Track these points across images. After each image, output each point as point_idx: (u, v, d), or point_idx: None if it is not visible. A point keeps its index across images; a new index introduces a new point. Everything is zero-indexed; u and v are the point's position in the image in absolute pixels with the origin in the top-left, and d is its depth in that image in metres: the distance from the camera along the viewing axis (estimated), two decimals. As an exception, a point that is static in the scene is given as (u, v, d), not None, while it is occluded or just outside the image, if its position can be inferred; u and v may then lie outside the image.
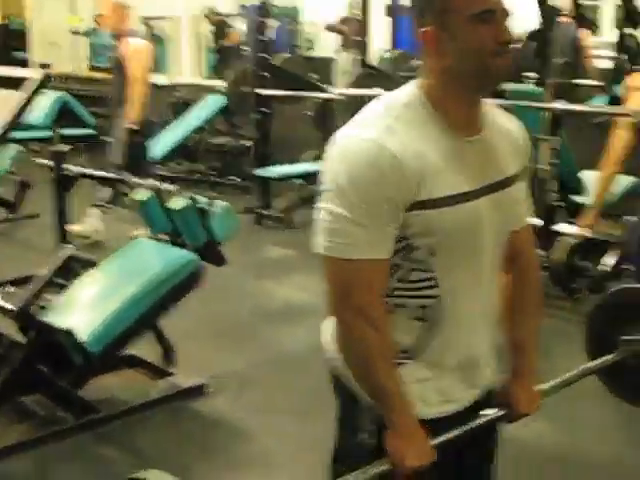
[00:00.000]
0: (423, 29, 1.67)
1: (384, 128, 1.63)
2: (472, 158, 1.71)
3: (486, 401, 1.89)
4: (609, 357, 2.54)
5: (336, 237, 1.63)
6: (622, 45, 6.14)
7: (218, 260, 4.04)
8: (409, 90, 1.72)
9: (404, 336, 1.73)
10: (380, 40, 9.58)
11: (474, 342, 1.81)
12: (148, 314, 3.77)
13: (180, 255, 3.88)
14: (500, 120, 1.83)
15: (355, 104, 3.72)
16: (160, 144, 8.74)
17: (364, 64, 7.35)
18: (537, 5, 6.58)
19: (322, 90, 7.35)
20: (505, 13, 1.68)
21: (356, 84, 6.95)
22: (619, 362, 2.54)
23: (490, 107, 1.81)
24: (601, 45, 9.67)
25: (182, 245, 3.97)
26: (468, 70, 1.67)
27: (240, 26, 10.49)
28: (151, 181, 4.27)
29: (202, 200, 3.96)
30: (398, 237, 1.66)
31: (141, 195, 4.05)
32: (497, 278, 1.84)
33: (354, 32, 7.50)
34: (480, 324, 1.81)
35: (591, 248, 5.48)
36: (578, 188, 5.86)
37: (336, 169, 1.64)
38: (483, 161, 1.74)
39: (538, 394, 1.98)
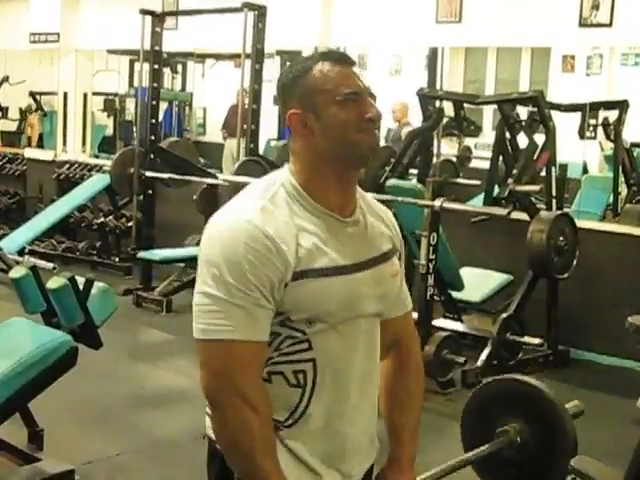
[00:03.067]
0: (290, 111, 1.72)
1: (259, 210, 1.66)
2: (347, 236, 1.74)
3: None
4: (484, 447, 2.58)
5: (213, 319, 1.63)
6: (499, 147, 6.41)
7: (94, 342, 3.95)
8: (282, 173, 1.76)
9: (281, 404, 1.71)
10: (267, 129, 9.73)
11: (351, 416, 1.78)
12: (17, 396, 3.63)
13: (54, 336, 3.78)
14: (372, 204, 1.88)
15: (240, 191, 3.78)
16: (41, 222, 8.60)
17: (251, 151, 7.44)
18: (421, 105, 6.85)
19: (208, 175, 7.38)
20: (370, 95, 1.73)
21: (242, 171, 7.02)
22: (494, 453, 2.59)
23: (363, 193, 1.86)
24: (482, 146, 10.10)
25: (57, 325, 3.87)
26: (334, 147, 1.70)
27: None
28: (28, 258, 4.17)
29: (81, 280, 3.89)
30: (276, 311, 1.66)
31: (16, 272, 3.95)
32: (375, 354, 1.84)
33: (242, 120, 7.59)
34: (358, 397, 1.79)
35: (464, 342, 5.63)
36: (456, 284, 6.02)
37: (212, 251, 1.65)
38: (358, 239, 1.77)
39: None
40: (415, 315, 5.37)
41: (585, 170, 8.94)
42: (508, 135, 6.29)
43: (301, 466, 1.74)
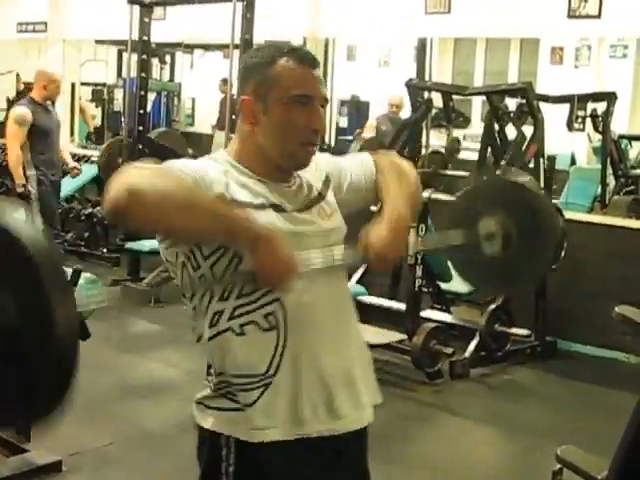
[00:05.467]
0: (242, 96, 1.77)
1: (200, 161, 1.80)
2: (281, 192, 1.78)
3: (345, 441, 1.83)
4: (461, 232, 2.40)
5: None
6: (488, 138, 6.42)
7: (81, 333, 3.94)
8: (220, 153, 1.84)
9: (261, 353, 1.72)
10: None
11: (331, 354, 1.78)
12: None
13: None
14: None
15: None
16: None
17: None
18: (409, 96, 6.85)
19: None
20: (323, 102, 1.77)
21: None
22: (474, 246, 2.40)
23: None
24: (470, 137, 10.11)
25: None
26: (272, 148, 1.76)
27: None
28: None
29: (68, 271, 3.87)
30: (222, 248, 1.69)
31: None
32: (341, 287, 1.86)
33: (230, 111, 7.58)
34: (332, 331, 1.80)
35: (452, 333, 5.63)
36: (444, 275, 6.03)
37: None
38: (292, 193, 1.81)
39: (399, 237, 1.81)
40: (403, 306, 5.39)
41: (573, 162, 8.97)
42: (497, 126, 6.30)
43: (288, 410, 1.74)
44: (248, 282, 1.68)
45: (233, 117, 7.52)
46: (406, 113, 8.39)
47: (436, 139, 9.07)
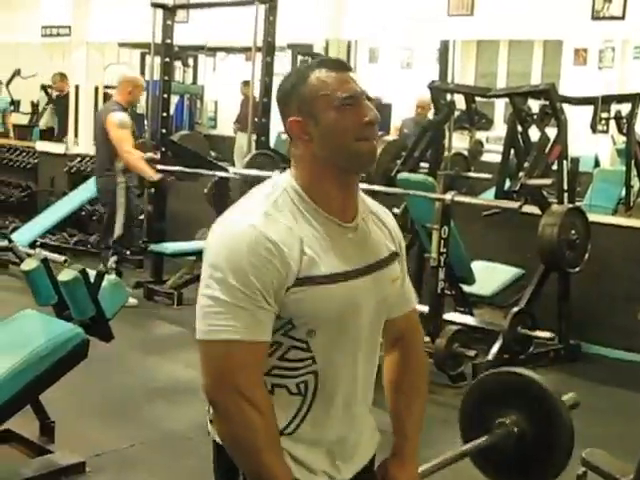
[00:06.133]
0: (290, 118, 1.75)
1: (262, 214, 1.68)
2: (348, 242, 1.76)
3: None
4: (482, 440, 2.57)
5: (216, 320, 1.65)
6: (511, 140, 6.39)
7: (105, 335, 3.96)
8: (284, 178, 1.78)
9: (282, 413, 1.73)
10: (278, 122, 9.75)
11: (350, 419, 1.82)
12: (29, 388, 3.65)
13: (65, 328, 3.79)
14: (374, 209, 1.90)
15: (250, 184, 3.77)
16: (52, 215, 8.62)
17: (262, 145, 7.43)
18: (432, 98, 6.84)
19: (219, 168, 7.39)
20: (366, 96, 1.76)
21: (253, 164, 7.01)
22: (492, 445, 2.58)
23: (364, 196, 1.87)
24: (493, 139, 10.07)
25: (68, 318, 3.88)
26: (333, 154, 1.73)
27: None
28: (40, 251, 4.18)
29: (92, 273, 3.89)
30: (278, 316, 1.68)
31: (28, 265, 3.96)
32: (375, 358, 1.87)
33: (253, 113, 7.59)
34: (356, 402, 1.82)
35: (475, 336, 5.62)
36: (467, 277, 6.01)
37: (216, 255, 1.68)
38: (359, 245, 1.79)
39: (417, 477, 1.98)
40: (426, 309, 5.37)
41: (597, 164, 8.91)
42: (520, 128, 6.27)
43: (302, 469, 1.76)
44: None
45: (256, 119, 7.55)
46: (431, 115, 8.38)
47: (459, 141, 9.04)
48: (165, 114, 8.03)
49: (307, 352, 1.72)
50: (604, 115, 7.43)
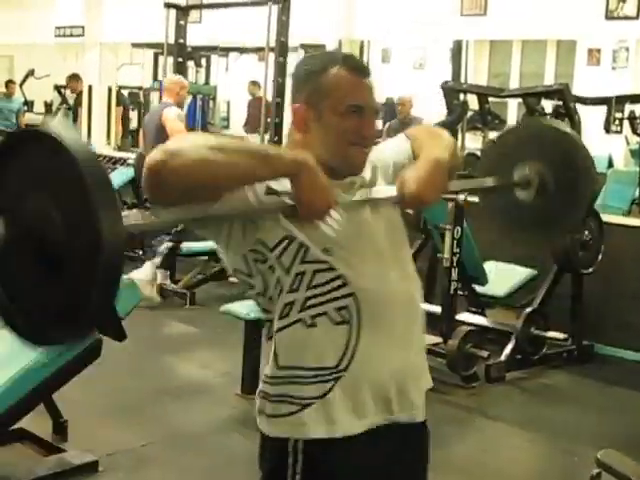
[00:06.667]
0: (295, 104, 1.80)
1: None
2: (338, 185, 1.77)
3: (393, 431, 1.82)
4: (496, 180, 2.36)
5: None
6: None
7: (118, 334, 3.96)
8: None
9: (332, 348, 1.72)
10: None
11: (402, 348, 1.79)
12: (42, 387, 3.66)
13: (79, 327, 3.79)
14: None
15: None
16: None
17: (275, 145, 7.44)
18: (445, 98, 6.83)
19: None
20: (374, 112, 1.80)
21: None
22: (509, 194, 2.36)
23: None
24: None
25: (82, 317, 3.88)
26: (325, 153, 1.75)
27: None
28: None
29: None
30: (288, 238, 1.70)
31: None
32: (409, 279, 1.85)
33: (265, 113, 7.61)
34: (403, 324, 1.81)
35: (488, 337, 5.60)
36: (480, 278, 6.00)
37: None
38: (348, 186, 1.81)
39: (435, 177, 1.79)
40: (439, 309, 5.36)
41: (610, 164, 8.88)
42: (533, 129, 6.24)
43: (358, 403, 1.75)
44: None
45: (268, 120, 7.56)
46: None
47: (471, 141, 9.02)
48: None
49: (333, 271, 1.72)
50: (618, 115, 7.42)
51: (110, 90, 10.47)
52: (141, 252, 8.40)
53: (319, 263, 1.71)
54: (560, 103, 6.01)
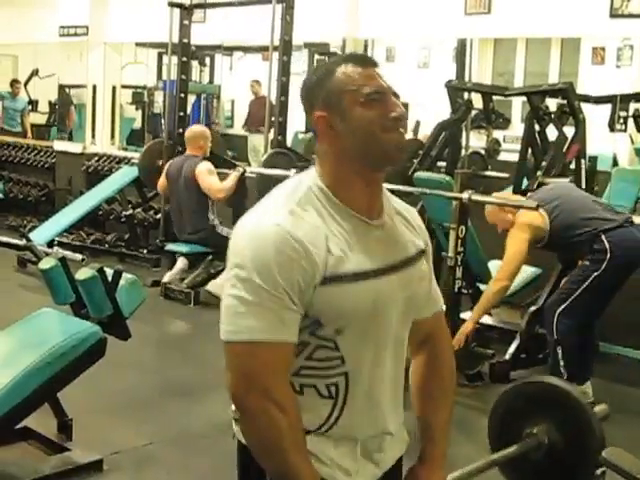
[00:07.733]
0: (316, 114, 1.72)
1: (287, 213, 1.65)
2: (375, 240, 1.73)
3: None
4: (511, 449, 2.55)
5: (241, 320, 1.63)
6: (528, 139, 6.36)
7: (122, 333, 3.97)
8: (308, 175, 1.75)
9: (312, 416, 1.72)
10: (295, 121, 9.74)
11: (380, 420, 1.79)
12: (47, 386, 3.66)
13: (83, 327, 3.80)
14: (399, 207, 1.87)
15: (268, 182, 3.77)
16: (70, 214, 8.66)
17: (279, 144, 7.43)
18: (449, 97, 6.82)
19: (235, 167, 7.40)
20: (393, 93, 1.73)
21: (270, 163, 7.02)
22: (521, 454, 2.55)
23: (389, 194, 1.85)
24: (510, 138, 10.03)
25: (86, 316, 3.89)
26: (360, 148, 1.69)
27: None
28: (58, 250, 4.20)
29: (109, 271, 3.91)
30: (305, 315, 1.66)
31: (45, 263, 3.97)
32: (402, 358, 1.85)
33: (269, 112, 7.60)
34: (385, 402, 1.80)
35: (493, 335, 5.59)
36: (484, 276, 5.99)
37: (241, 255, 1.64)
38: (386, 243, 1.76)
39: None
40: (442, 308, 5.34)
41: (615, 163, 8.84)
42: (537, 127, 6.24)
43: (332, 467, 1.74)
44: None
45: (272, 118, 7.56)
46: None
47: (476, 140, 9.02)
48: (182, 113, 8.07)
49: (335, 351, 1.70)
50: (622, 114, 7.38)
51: (114, 89, 10.47)
52: (145, 251, 8.43)
53: (326, 340, 1.69)
54: (564, 102, 6.00)
